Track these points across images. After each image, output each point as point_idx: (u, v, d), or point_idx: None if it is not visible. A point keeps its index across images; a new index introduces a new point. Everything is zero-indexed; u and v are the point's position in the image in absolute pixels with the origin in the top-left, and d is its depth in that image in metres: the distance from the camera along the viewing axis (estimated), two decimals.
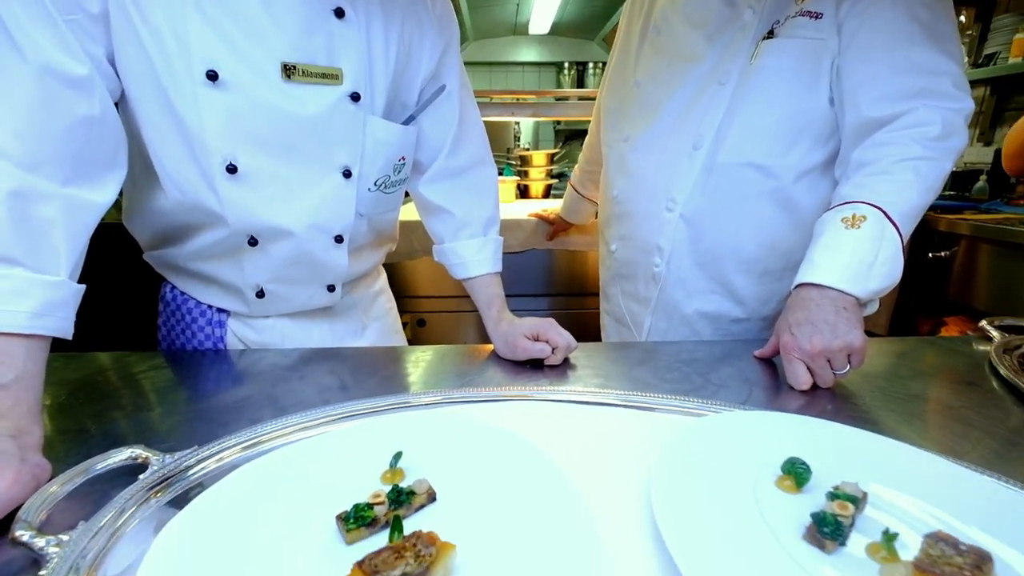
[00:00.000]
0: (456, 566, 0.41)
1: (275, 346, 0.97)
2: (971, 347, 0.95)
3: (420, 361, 0.89)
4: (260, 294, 0.92)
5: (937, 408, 0.74)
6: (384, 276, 1.20)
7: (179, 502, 0.50)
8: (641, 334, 1.15)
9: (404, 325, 1.29)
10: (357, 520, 0.44)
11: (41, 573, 0.41)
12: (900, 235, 0.78)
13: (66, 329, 0.63)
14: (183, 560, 0.40)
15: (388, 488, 0.48)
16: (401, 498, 0.47)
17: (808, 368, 0.76)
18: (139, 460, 0.56)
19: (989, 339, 0.93)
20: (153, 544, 0.43)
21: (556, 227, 1.83)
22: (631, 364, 0.87)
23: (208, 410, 0.72)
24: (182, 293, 0.96)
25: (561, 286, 2.13)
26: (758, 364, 0.87)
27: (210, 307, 0.95)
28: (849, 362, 0.75)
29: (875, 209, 0.78)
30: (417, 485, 0.48)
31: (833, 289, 0.76)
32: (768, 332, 0.91)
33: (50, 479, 0.52)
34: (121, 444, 0.57)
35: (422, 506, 0.48)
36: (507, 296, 0.99)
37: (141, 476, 0.53)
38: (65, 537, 0.44)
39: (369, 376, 0.81)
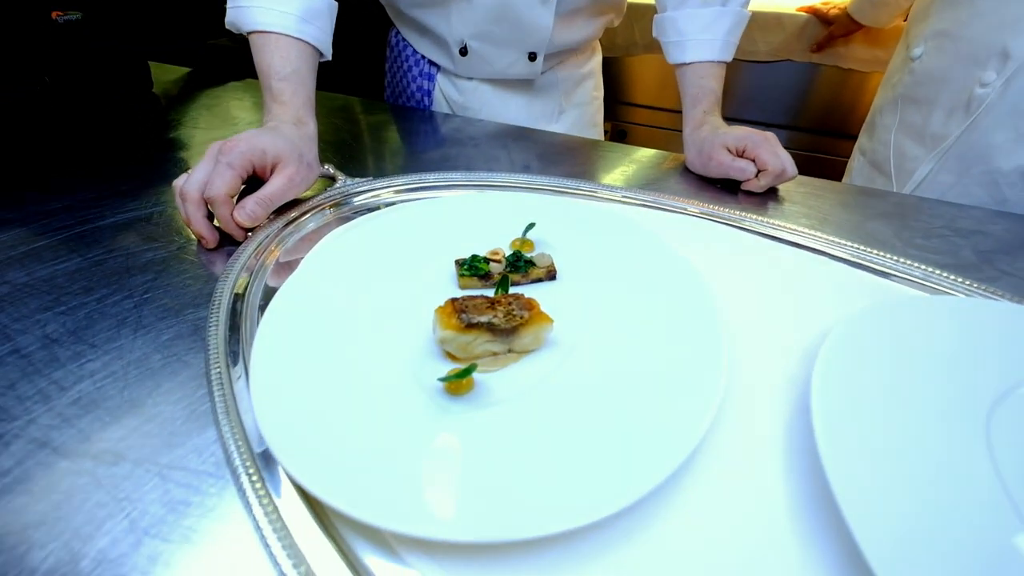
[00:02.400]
0: (552, 340, 0.38)
1: (474, 110, 0.98)
2: None
3: (603, 158, 0.80)
4: (464, 51, 0.90)
5: None
6: (597, 59, 1.06)
7: (345, 219, 0.57)
8: (904, 187, 0.83)
9: (604, 133, 1.17)
10: (471, 269, 0.43)
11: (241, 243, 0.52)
12: None
13: (325, 42, 0.67)
14: (333, 264, 0.46)
15: (511, 252, 0.46)
16: (519, 263, 0.44)
17: None
18: (330, 175, 0.65)
19: None
20: (316, 247, 0.51)
21: (834, 30, 1.32)
22: (870, 214, 0.64)
23: (399, 156, 0.78)
24: (403, 40, 1.00)
25: (812, 120, 1.58)
26: None
27: (423, 58, 0.98)
28: None
29: None
30: (539, 258, 0.45)
31: None
32: None
33: None
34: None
35: (539, 279, 0.45)
36: (727, 121, 0.77)
37: (326, 189, 0.61)
38: None
39: (553, 164, 0.77)
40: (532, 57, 0.89)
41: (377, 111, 0.96)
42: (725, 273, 0.48)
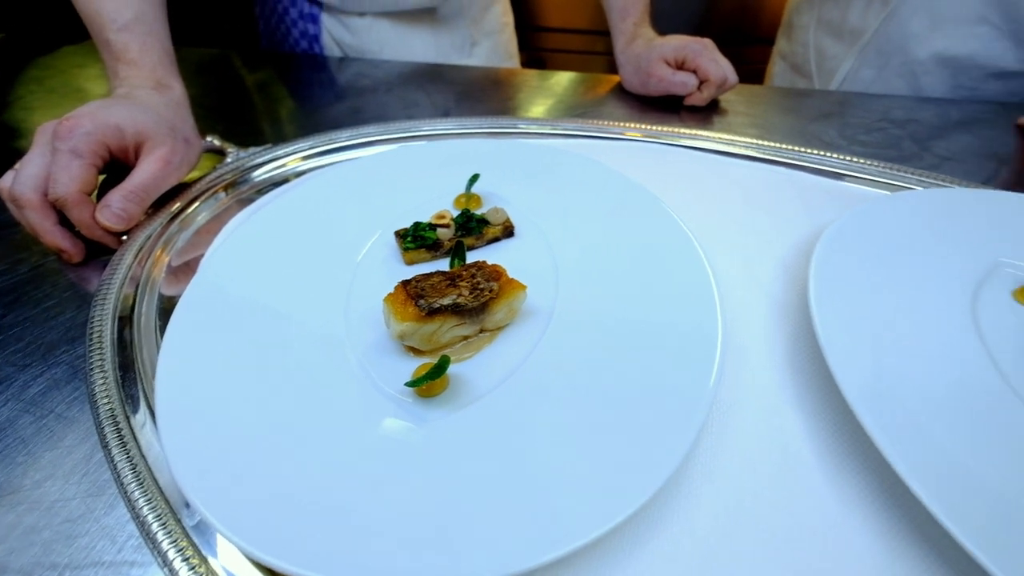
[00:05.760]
0: (527, 309, 0.33)
1: (373, 53, 0.85)
2: None
3: (531, 89, 0.72)
4: None
5: None
6: None
7: (246, 202, 0.47)
8: (829, 85, 0.83)
9: (521, 63, 1.07)
10: (416, 240, 0.37)
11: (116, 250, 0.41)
12: None
13: None
14: (242, 258, 0.37)
15: (459, 212, 0.39)
16: (471, 224, 0.38)
17: None
18: (218, 148, 0.53)
19: None
20: (216, 240, 0.41)
21: None
22: (809, 116, 0.62)
23: (298, 115, 0.66)
24: None
25: (722, 27, 1.58)
26: (1018, 136, 0.58)
27: None
28: None
29: None
30: (492, 214, 0.39)
31: None
32: None
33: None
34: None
35: (496, 239, 0.39)
36: None
37: (216, 167, 0.50)
38: None
39: (477, 102, 0.68)
40: None
41: (260, 64, 0.81)
42: (687, 198, 0.45)
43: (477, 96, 0.70)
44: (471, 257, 0.38)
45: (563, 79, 0.75)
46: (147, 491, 0.25)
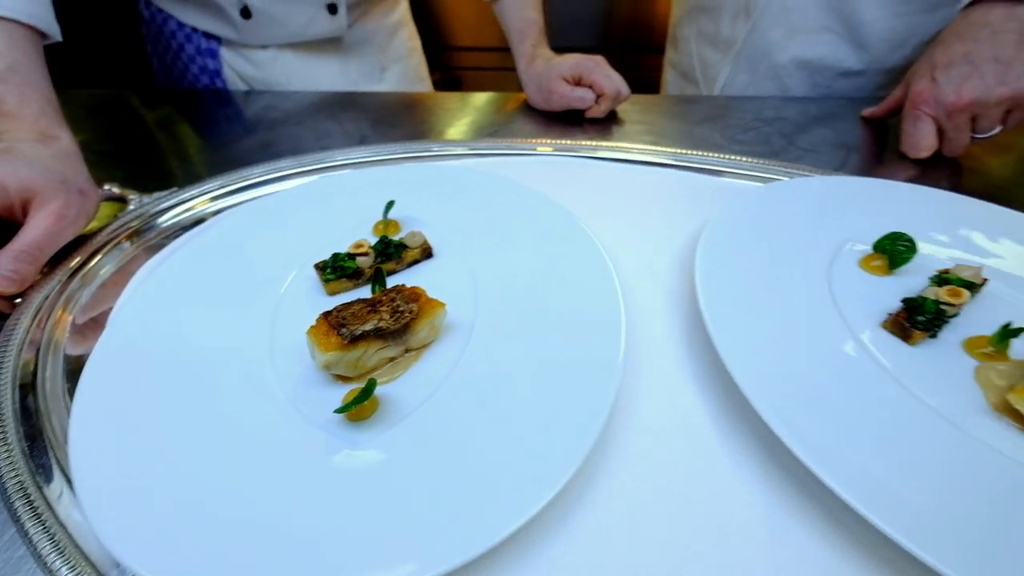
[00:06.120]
0: (449, 324, 0.35)
1: (280, 86, 0.84)
2: None
3: (443, 111, 0.75)
4: (246, 13, 0.75)
5: None
6: (404, 5, 0.97)
7: (156, 249, 0.46)
8: (713, 91, 0.92)
9: (436, 83, 1.10)
10: (336, 271, 0.38)
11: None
12: None
13: (46, 18, 0.50)
14: (155, 308, 0.36)
15: (377, 240, 0.41)
16: (389, 250, 0.39)
17: (939, 129, 0.57)
18: (118, 195, 0.51)
19: None
20: (125, 292, 0.40)
21: None
22: (695, 121, 0.69)
23: (205, 153, 0.65)
24: (160, 11, 0.80)
25: (619, 39, 1.69)
26: (864, 127, 0.67)
27: (195, 31, 0.80)
28: (1004, 122, 0.55)
29: None
30: (410, 238, 0.41)
31: None
32: (888, 91, 0.69)
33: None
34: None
35: (416, 261, 0.41)
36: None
37: (118, 215, 0.49)
38: None
39: (391, 127, 0.69)
40: (332, 9, 0.78)
41: (159, 102, 0.78)
42: (593, 206, 0.48)
43: (391, 121, 0.71)
44: (394, 281, 0.39)
45: (475, 99, 0.78)
46: (69, 559, 0.24)
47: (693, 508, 0.27)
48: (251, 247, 0.42)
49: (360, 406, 0.29)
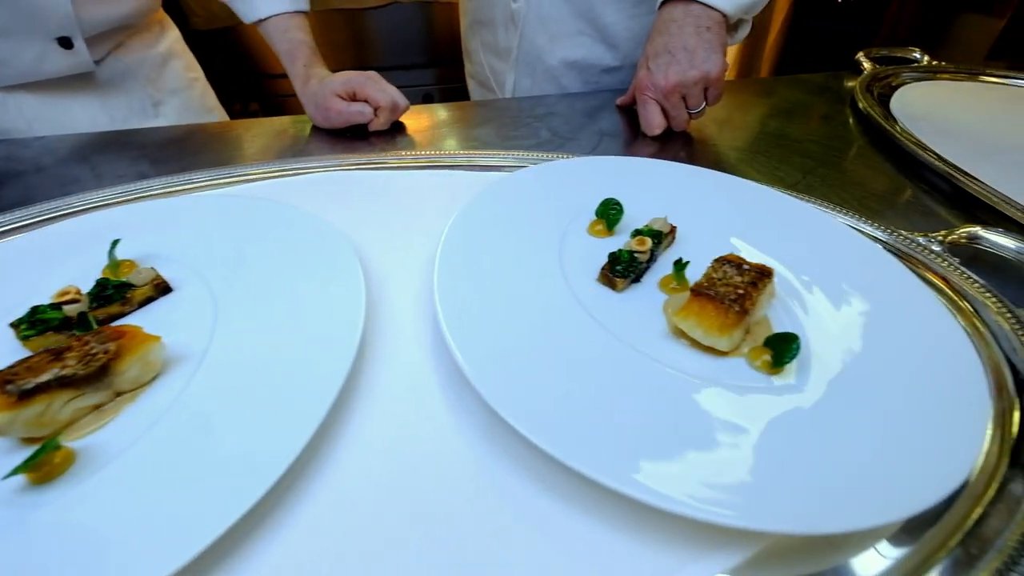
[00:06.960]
0: (178, 357, 0.33)
1: (19, 132, 0.73)
2: (841, 83, 0.90)
3: (233, 139, 0.71)
4: None
5: (783, 143, 0.70)
6: (175, 35, 0.90)
7: None
8: (505, 95, 0.99)
9: (254, 112, 1.03)
10: (35, 325, 0.34)
11: None
12: None
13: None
14: None
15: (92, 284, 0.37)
16: (108, 292, 0.36)
17: (663, 111, 0.67)
18: None
19: (861, 72, 0.88)
20: None
21: None
22: (474, 123, 0.74)
23: None
24: None
25: (437, 53, 1.77)
26: (618, 114, 0.77)
27: None
28: (705, 97, 0.66)
29: None
30: (136, 275, 0.38)
31: (698, 3, 0.63)
32: None
33: None
34: None
35: (150, 298, 0.38)
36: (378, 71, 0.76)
37: None
38: None
39: (168, 162, 0.64)
40: (66, 43, 0.70)
41: None
42: (363, 215, 0.50)
43: (165, 158, 0.66)
44: (127, 322, 0.36)
45: (264, 124, 0.75)
46: None
47: (430, 465, 0.29)
48: None
49: (49, 466, 0.26)
